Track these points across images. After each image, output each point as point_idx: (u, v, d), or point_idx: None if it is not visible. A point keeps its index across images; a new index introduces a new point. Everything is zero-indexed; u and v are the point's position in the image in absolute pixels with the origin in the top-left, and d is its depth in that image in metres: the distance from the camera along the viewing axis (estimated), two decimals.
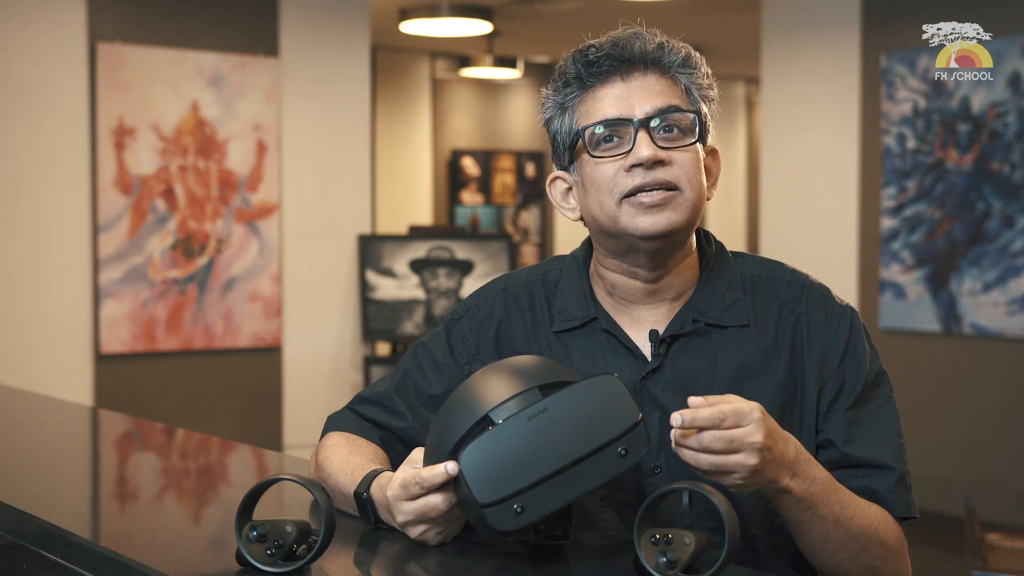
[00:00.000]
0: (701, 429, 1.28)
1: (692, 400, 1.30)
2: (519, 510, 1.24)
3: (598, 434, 1.26)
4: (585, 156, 1.51)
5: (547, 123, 1.56)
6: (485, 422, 1.29)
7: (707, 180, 1.54)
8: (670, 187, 1.47)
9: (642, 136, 1.47)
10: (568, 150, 1.54)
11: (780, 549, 1.53)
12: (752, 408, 1.30)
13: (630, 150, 1.47)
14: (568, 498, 1.26)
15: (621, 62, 1.49)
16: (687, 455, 1.29)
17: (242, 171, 5.78)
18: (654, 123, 1.48)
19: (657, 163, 1.46)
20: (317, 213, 6.07)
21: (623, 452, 1.26)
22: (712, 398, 1.31)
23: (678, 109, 1.49)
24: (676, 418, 1.28)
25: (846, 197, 5.81)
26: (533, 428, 1.25)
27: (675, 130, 1.49)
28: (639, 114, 1.48)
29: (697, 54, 1.54)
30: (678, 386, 1.51)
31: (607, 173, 1.49)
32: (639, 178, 1.47)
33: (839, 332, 1.53)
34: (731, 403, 1.30)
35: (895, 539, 1.48)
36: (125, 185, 5.46)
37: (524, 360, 1.37)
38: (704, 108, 1.52)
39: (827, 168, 5.91)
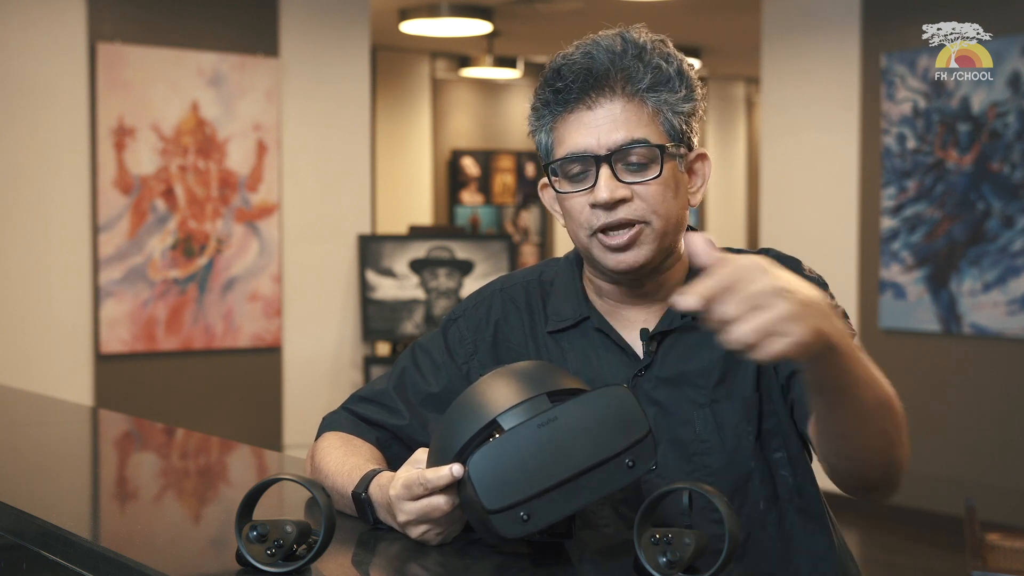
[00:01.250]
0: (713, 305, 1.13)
1: (680, 294, 1.14)
2: (525, 517, 1.25)
3: (607, 445, 1.26)
4: (559, 185, 1.53)
5: (532, 134, 1.58)
6: (492, 427, 1.29)
7: (694, 184, 1.55)
8: (634, 223, 1.48)
9: (604, 173, 1.47)
10: (548, 170, 1.56)
11: (801, 514, 1.53)
12: (750, 259, 1.15)
13: (593, 186, 1.48)
14: (574, 507, 1.26)
15: (587, 90, 1.49)
16: (729, 340, 1.13)
17: (242, 171, 5.78)
18: (617, 156, 1.48)
19: (619, 202, 1.47)
20: (317, 213, 6.07)
21: (631, 464, 1.27)
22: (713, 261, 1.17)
23: (641, 142, 1.48)
24: (681, 299, 1.12)
25: (846, 197, 5.81)
26: (542, 436, 1.26)
27: (637, 163, 1.48)
28: (602, 149, 1.48)
29: (676, 64, 1.51)
30: (670, 381, 1.54)
31: (576, 206, 1.51)
32: (602, 218, 1.48)
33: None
34: (728, 264, 1.14)
35: (903, 413, 1.38)
36: (125, 185, 5.46)
37: (533, 366, 1.37)
38: (679, 125, 1.50)
39: (827, 168, 5.91)
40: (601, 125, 1.48)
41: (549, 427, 1.26)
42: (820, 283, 1.55)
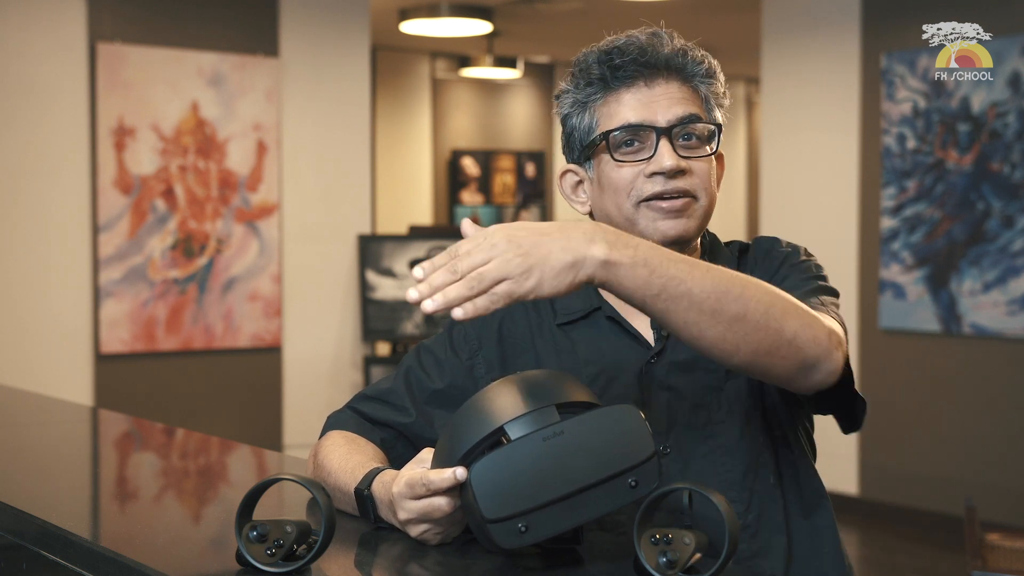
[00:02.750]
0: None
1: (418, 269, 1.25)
2: (523, 529, 1.24)
3: (611, 463, 1.26)
4: (605, 157, 1.55)
5: (564, 118, 1.60)
6: (498, 434, 1.29)
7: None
8: (688, 195, 1.53)
9: (664, 144, 1.51)
10: (585, 148, 1.57)
11: (791, 483, 1.56)
12: (488, 227, 1.26)
13: (651, 157, 1.52)
14: (573, 523, 1.26)
15: (646, 67, 1.53)
16: (445, 298, 1.22)
17: (242, 171, 5.78)
18: (676, 131, 1.52)
19: (678, 172, 1.51)
20: (317, 213, 6.07)
21: (633, 483, 1.27)
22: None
23: (699, 119, 1.54)
24: (417, 271, 1.24)
25: (846, 197, 5.81)
26: (547, 449, 1.25)
27: (694, 139, 1.54)
28: (662, 122, 1.52)
29: (715, 63, 1.59)
30: (682, 366, 1.55)
31: (626, 176, 1.53)
32: (659, 185, 1.52)
33: (777, 250, 1.64)
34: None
35: (783, 294, 1.36)
36: (125, 185, 5.46)
37: (545, 375, 1.37)
38: (719, 117, 1.58)
39: (827, 168, 5.91)
40: (659, 100, 1.53)
41: (555, 441, 1.26)
42: (793, 245, 1.64)
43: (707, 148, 1.54)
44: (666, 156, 1.50)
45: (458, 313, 1.22)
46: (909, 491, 5.55)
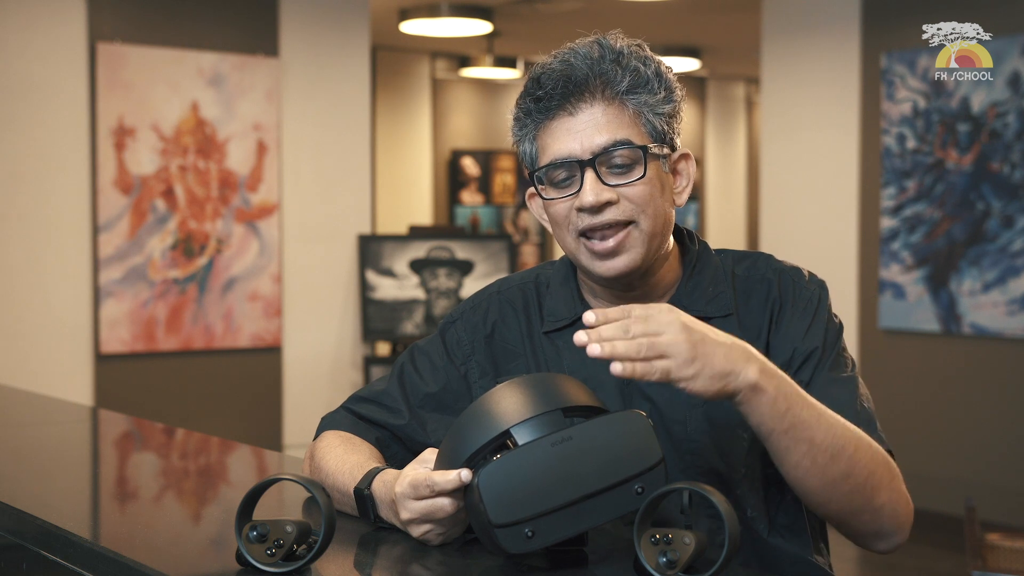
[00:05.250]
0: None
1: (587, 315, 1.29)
2: (530, 534, 1.25)
3: (618, 470, 1.26)
4: (545, 192, 1.54)
5: (516, 145, 1.59)
6: (504, 437, 1.29)
7: (679, 184, 1.56)
8: (621, 224, 1.49)
9: (589, 177, 1.48)
10: (533, 178, 1.56)
11: (784, 531, 1.54)
12: (658, 304, 1.33)
13: (579, 190, 1.49)
14: (579, 528, 1.26)
15: (566, 97, 1.50)
16: (612, 349, 1.26)
17: (242, 171, 5.78)
18: (600, 160, 1.49)
19: (604, 205, 1.48)
20: (317, 213, 6.07)
21: (640, 490, 1.27)
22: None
23: (624, 144, 1.49)
24: (589, 316, 1.28)
25: (846, 197, 5.81)
26: (555, 455, 1.26)
27: (622, 165, 1.50)
28: (585, 153, 1.49)
29: (655, 65, 1.52)
30: None
31: (562, 212, 1.52)
32: (588, 220, 1.49)
33: (806, 311, 1.55)
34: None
35: (885, 460, 1.44)
36: (125, 185, 5.46)
37: (550, 378, 1.37)
38: (660, 126, 1.51)
39: (827, 168, 5.91)
40: (583, 130, 1.49)
41: (563, 446, 1.26)
42: (818, 293, 1.57)
43: (637, 172, 1.49)
44: (588, 192, 1.47)
45: (617, 368, 1.26)
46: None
